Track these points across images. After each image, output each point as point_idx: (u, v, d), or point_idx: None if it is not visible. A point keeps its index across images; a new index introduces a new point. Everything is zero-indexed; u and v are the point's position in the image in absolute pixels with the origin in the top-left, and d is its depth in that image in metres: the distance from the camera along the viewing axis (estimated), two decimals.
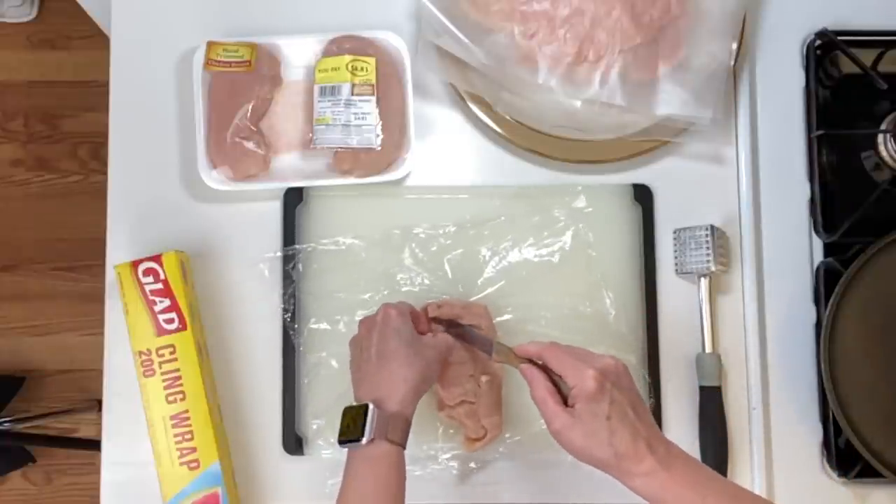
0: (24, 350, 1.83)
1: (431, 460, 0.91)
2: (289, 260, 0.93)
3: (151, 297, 0.86)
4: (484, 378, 0.88)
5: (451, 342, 0.83)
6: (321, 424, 0.92)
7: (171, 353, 0.86)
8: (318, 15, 0.98)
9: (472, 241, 0.94)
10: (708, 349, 0.92)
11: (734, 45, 0.93)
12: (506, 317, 0.93)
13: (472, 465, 0.92)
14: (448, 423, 0.90)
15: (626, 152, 0.95)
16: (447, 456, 0.91)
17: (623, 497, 0.92)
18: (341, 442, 0.75)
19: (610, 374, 0.71)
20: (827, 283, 0.93)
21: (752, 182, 0.97)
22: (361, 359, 0.79)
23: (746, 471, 0.92)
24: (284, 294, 0.93)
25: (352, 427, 0.74)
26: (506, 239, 0.94)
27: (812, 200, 0.96)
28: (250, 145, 0.92)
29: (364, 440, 0.73)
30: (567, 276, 0.94)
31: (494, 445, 0.90)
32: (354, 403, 0.77)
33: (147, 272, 0.87)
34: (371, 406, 0.74)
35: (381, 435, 0.73)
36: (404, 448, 0.75)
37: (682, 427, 0.92)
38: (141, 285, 0.87)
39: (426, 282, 0.93)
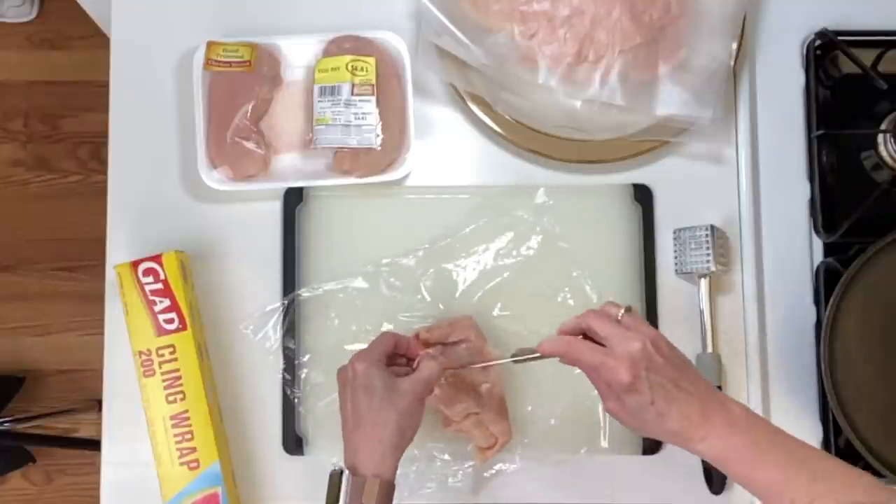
0: (24, 350, 1.83)
1: (448, 474, 0.91)
2: (269, 317, 0.93)
3: (151, 297, 0.86)
4: (484, 386, 0.88)
5: (430, 375, 0.78)
6: (320, 426, 0.92)
7: (171, 353, 0.86)
8: (318, 15, 0.98)
9: (443, 258, 0.94)
10: (708, 349, 0.92)
11: (734, 45, 0.93)
12: (492, 323, 0.92)
13: (486, 474, 0.92)
14: (458, 434, 0.89)
15: (626, 152, 0.95)
16: (459, 467, 0.91)
17: (628, 497, 0.93)
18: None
19: (641, 359, 0.68)
20: (827, 283, 0.93)
21: (752, 182, 0.97)
22: (343, 416, 0.77)
23: None
24: (284, 341, 0.93)
25: (331, 495, 0.74)
26: (475, 248, 0.94)
27: (812, 200, 0.96)
28: (250, 145, 0.92)
29: None
30: (544, 271, 0.94)
31: (505, 451, 0.90)
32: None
33: (147, 272, 0.87)
34: (346, 472, 0.73)
35: (356, 501, 0.72)
36: None
37: None
38: (141, 285, 0.87)
39: (406, 309, 0.93)
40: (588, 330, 0.72)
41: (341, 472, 0.73)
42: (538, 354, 0.74)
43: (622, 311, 0.72)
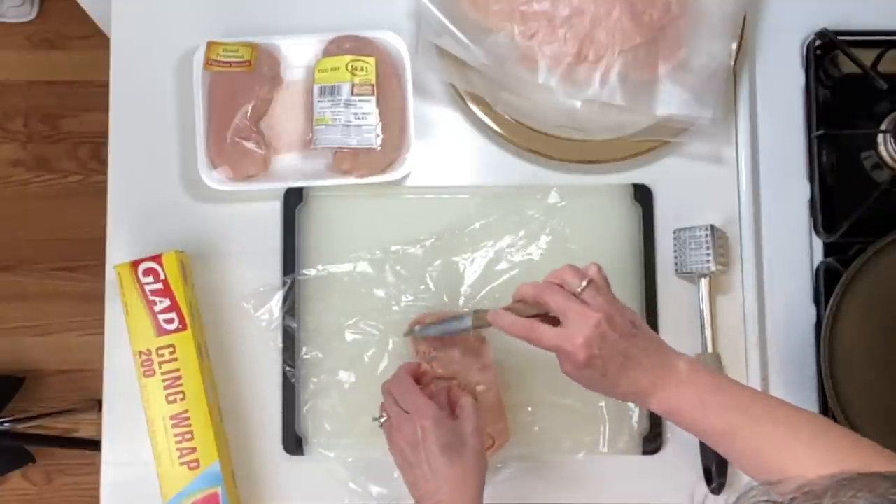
0: (24, 350, 1.83)
1: None
2: (271, 294, 0.93)
3: (151, 297, 0.86)
4: (480, 388, 0.88)
5: (475, 407, 0.80)
6: (321, 425, 0.92)
7: (171, 353, 0.86)
8: (318, 15, 0.98)
9: (452, 250, 0.94)
10: (708, 349, 0.92)
11: (734, 45, 0.93)
12: None
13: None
14: None
15: (626, 152, 0.95)
16: None
17: (628, 497, 0.93)
18: None
19: (595, 338, 0.70)
20: (827, 283, 0.93)
21: (752, 182, 0.97)
22: (416, 476, 0.77)
23: None
24: (285, 320, 0.93)
25: None
26: (484, 243, 0.94)
27: (812, 200, 0.96)
28: (250, 145, 0.92)
29: None
30: (549, 272, 0.93)
31: (502, 451, 0.90)
32: None
33: (147, 272, 0.87)
34: None
35: None
36: None
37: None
38: (141, 285, 0.87)
39: (410, 298, 0.93)
40: (544, 305, 0.73)
41: None
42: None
43: (584, 283, 0.73)
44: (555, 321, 0.73)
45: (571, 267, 0.74)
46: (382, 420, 0.80)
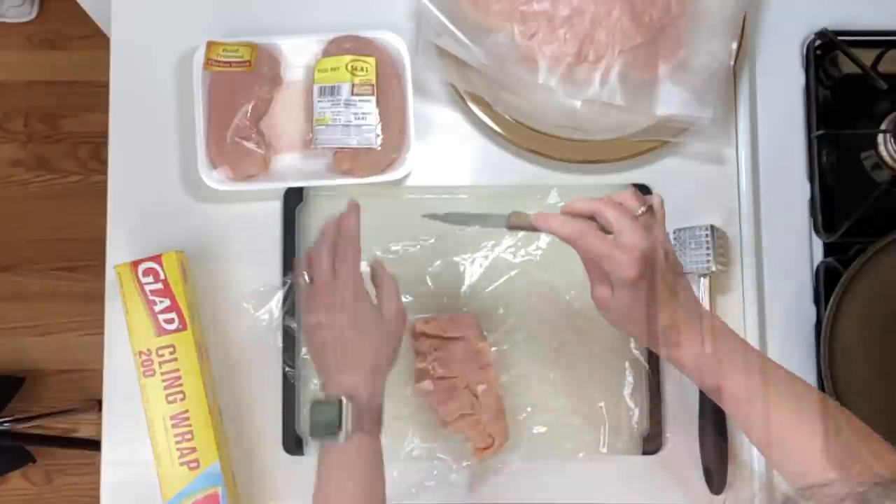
0: (24, 350, 1.83)
1: (449, 472, 0.91)
2: (271, 294, 0.93)
3: (151, 297, 0.86)
4: (480, 387, 0.88)
5: (396, 283, 0.80)
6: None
7: (171, 353, 0.86)
8: (318, 15, 0.98)
9: (452, 250, 0.94)
10: None
11: (734, 45, 0.93)
12: (496, 321, 0.92)
13: (484, 474, 0.92)
14: (455, 435, 0.90)
15: (626, 152, 0.95)
16: (457, 465, 0.91)
17: (628, 497, 0.93)
18: (315, 436, 0.73)
19: (650, 257, 0.67)
20: (827, 283, 0.93)
21: (752, 182, 0.97)
22: (325, 348, 0.76)
23: (746, 469, 0.92)
24: (285, 321, 0.93)
25: (326, 422, 0.73)
26: (484, 244, 0.94)
27: (812, 200, 0.96)
28: (250, 145, 0.92)
29: (341, 437, 0.72)
30: (550, 272, 0.93)
31: (502, 451, 0.90)
32: (322, 396, 0.75)
33: (147, 272, 0.87)
34: (345, 400, 0.72)
35: (358, 427, 0.72)
36: (379, 433, 0.75)
37: (682, 426, 0.92)
38: (141, 285, 0.87)
39: (410, 298, 0.93)
40: (600, 217, 0.69)
41: (337, 401, 0.72)
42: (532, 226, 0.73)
43: (643, 208, 0.69)
44: None
45: (634, 191, 0.71)
46: (303, 279, 0.79)
